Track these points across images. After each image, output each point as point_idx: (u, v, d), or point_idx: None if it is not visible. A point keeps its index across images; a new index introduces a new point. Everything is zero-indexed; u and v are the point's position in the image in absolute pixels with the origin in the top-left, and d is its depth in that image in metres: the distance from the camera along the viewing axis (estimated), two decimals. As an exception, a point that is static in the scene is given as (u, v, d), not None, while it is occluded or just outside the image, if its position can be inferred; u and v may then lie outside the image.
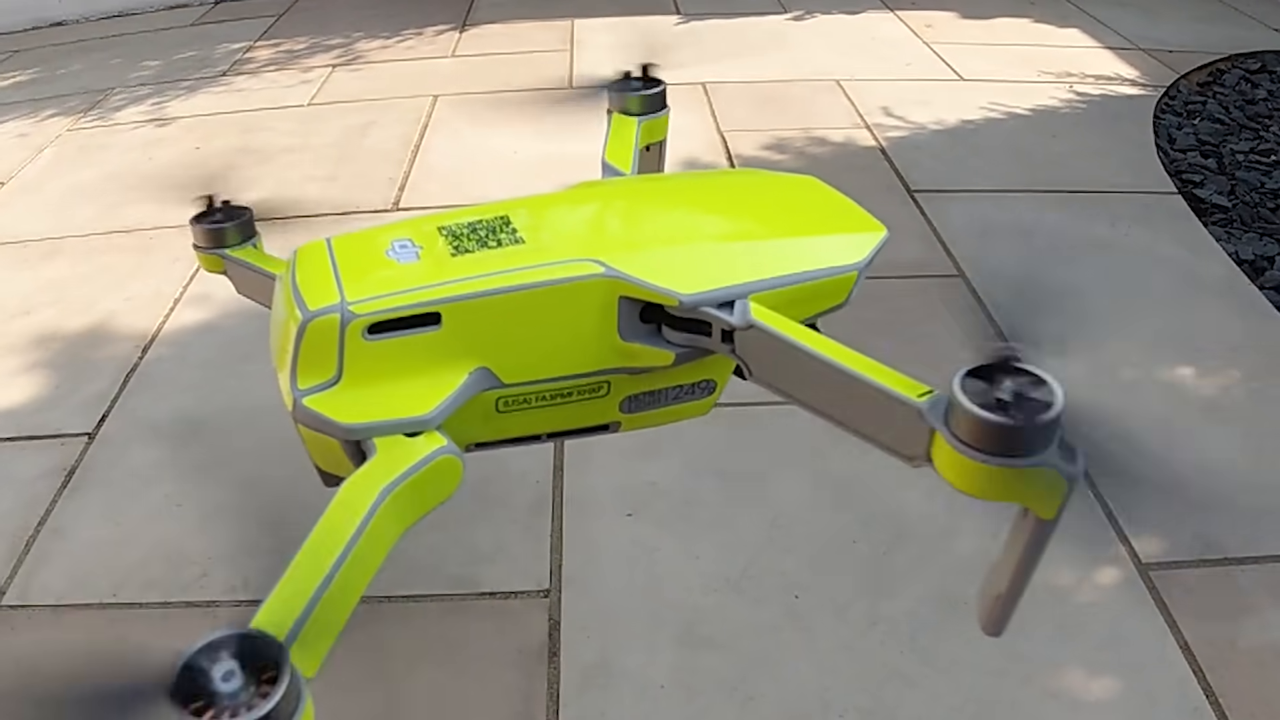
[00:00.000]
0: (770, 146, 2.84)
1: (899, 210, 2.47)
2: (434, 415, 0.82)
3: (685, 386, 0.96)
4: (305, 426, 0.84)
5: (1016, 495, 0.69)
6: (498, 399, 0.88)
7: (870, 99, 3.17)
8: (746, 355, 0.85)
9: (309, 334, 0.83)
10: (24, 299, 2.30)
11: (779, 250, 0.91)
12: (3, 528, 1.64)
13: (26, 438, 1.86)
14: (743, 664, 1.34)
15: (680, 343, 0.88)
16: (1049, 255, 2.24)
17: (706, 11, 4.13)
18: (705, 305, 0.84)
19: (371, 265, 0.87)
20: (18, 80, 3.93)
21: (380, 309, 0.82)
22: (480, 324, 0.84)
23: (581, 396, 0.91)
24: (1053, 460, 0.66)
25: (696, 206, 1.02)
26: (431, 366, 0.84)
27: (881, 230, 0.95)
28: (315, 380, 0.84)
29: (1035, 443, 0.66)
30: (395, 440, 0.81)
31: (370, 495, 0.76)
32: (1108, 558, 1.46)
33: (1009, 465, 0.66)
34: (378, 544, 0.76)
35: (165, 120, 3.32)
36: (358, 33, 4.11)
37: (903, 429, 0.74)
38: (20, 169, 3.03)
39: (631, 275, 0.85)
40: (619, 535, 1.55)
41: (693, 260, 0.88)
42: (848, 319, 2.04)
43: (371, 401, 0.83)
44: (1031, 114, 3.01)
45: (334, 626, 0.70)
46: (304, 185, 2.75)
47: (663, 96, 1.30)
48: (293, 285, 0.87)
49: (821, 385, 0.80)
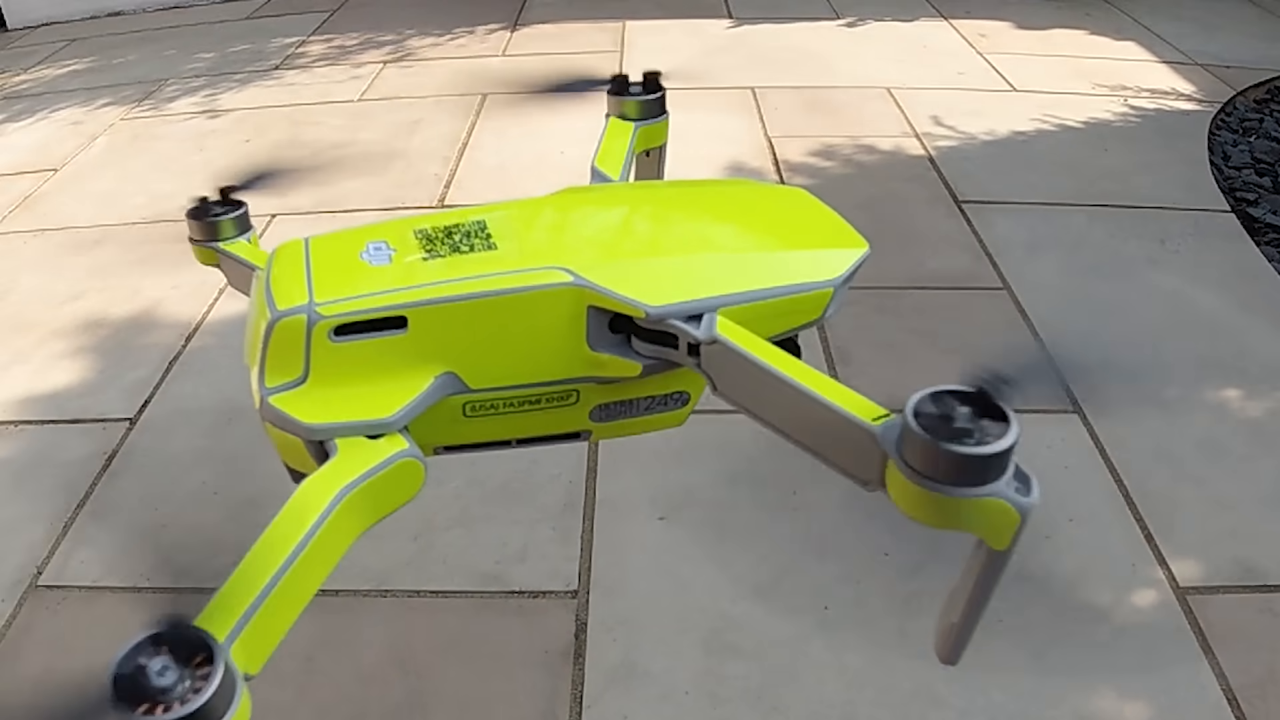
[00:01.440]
0: (817, 153, 2.82)
1: (945, 221, 2.44)
2: (396, 418, 0.82)
3: (658, 398, 0.95)
4: (271, 425, 0.84)
5: (967, 525, 0.68)
6: (465, 404, 0.88)
7: (921, 108, 3.14)
8: (711, 369, 0.84)
9: (276, 333, 0.83)
10: (73, 285, 2.33)
11: (753, 264, 0.90)
12: (43, 509, 1.66)
13: (70, 421, 1.89)
14: (768, 674, 1.33)
15: (648, 354, 0.87)
16: (1095, 270, 2.21)
17: (758, 16, 4.12)
18: (672, 318, 0.83)
19: (344, 267, 0.87)
20: (74, 69, 3.99)
21: (346, 311, 0.82)
22: (446, 329, 0.84)
23: (550, 404, 0.90)
24: (1004, 491, 0.65)
25: (676, 217, 1.01)
26: (397, 369, 0.84)
27: (863, 246, 0.93)
28: (282, 379, 0.84)
29: (986, 473, 0.65)
30: (357, 442, 0.81)
31: (327, 495, 0.76)
32: (1144, 580, 1.44)
33: (958, 495, 0.65)
34: (332, 544, 0.76)
35: (217, 112, 3.35)
36: (410, 30, 4.14)
37: (856, 452, 0.72)
38: (74, 156, 3.08)
39: (599, 285, 0.84)
40: (650, 539, 1.54)
41: (664, 272, 0.87)
42: (890, 329, 2.03)
43: (336, 402, 0.83)
44: (1084, 127, 2.97)
45: (281, 624, 0.70)
46: (350, 181, 2.77)
47: (661, 102, 1.29)
48: (266, 283, 0.87)
49: (780, 403, 0.79)
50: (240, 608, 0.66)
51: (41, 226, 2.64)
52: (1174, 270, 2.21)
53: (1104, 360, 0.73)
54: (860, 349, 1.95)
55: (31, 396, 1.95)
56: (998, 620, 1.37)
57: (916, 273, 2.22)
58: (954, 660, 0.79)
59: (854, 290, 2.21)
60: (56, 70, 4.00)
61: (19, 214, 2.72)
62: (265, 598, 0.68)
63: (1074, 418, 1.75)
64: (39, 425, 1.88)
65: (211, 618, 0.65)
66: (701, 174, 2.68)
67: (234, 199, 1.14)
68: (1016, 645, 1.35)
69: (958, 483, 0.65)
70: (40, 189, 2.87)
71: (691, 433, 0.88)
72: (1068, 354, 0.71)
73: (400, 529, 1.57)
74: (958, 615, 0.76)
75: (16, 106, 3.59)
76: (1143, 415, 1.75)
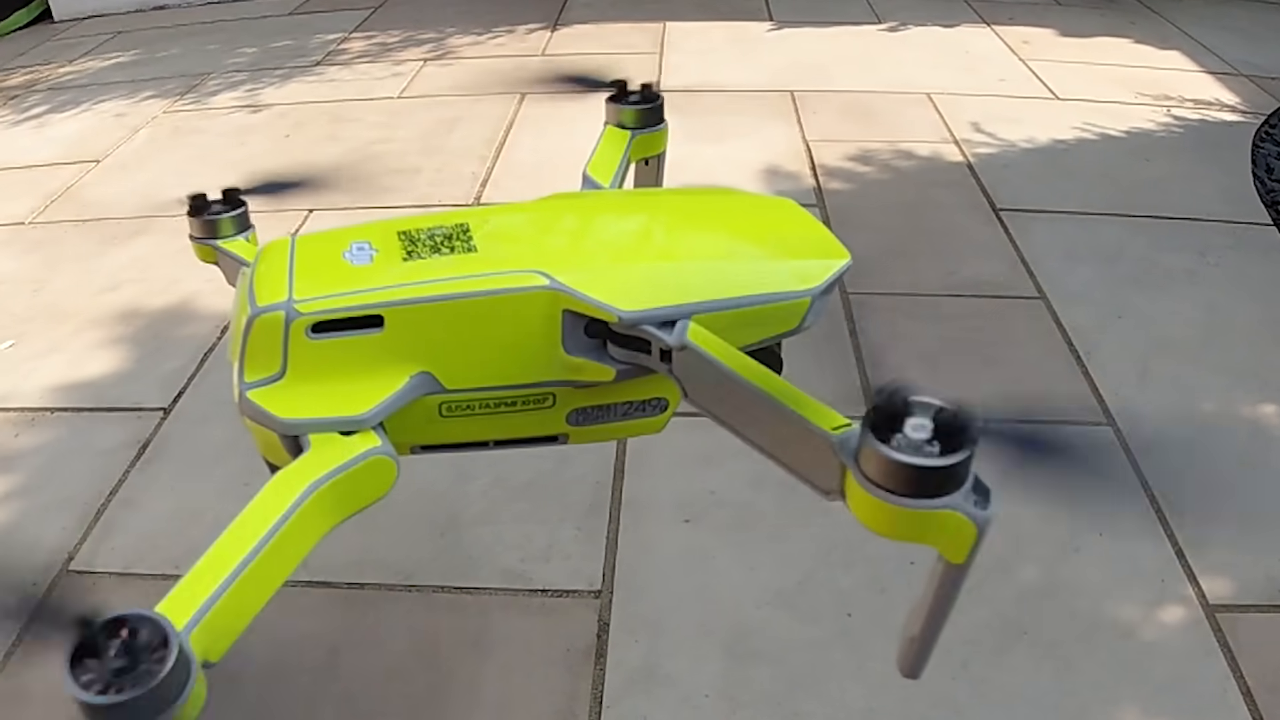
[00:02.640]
0: (855, 158, 2.81)
1: (982, 228, 2.43)
2: (369, 416, 0.83)
3: (635, 403, 0.96)
4: (248, 419, 0.86)
5: (923, 537, 0.68)
6: (440, 404, 0.89)
7: (961, 114, 3.12)
8: (682, 375, 0.85)
9: (255, 329, 0.84)
10: (111, 274, 2.36)
11: (729, 272, 0.90)
12: (76, 494, 1.68)
13: (106, 409, 1.91)
14: (790, 679, 1.32)
15: (622, 359, 0.87)
16: (1133, 281, 2.19)
17: (799, 19, 4.11)
18: (645, 323, 0.84)
19: (325, 266, 0.88)
20: (119, 61, 4.04)
21: (324, 309, 0.83)
22: (422, 329, 0.85)
23: (527, 407, 0.91)
24: (960, 504, 0.65)
25: (658, 224, 1.01)
26: (372, 368, 0.85)
27: (844, 257, 0.93)
28: (260, 375, 0.85)
29: (941, 485, 0.64)
30: (329, 438, 0.82)
31: (296, 490, 0.77)
32: (1173, 597, 1.42)
33: (913, 506, 0.65)
34: (300, 538, 0.77)
35: (258, 107, 3.38)
36: (450, 28, 4.16)
37: (817, 461, 0.73)
38: (116, 148, 3.12)
39: (574, 289, 0.84)
40: (675, 541, 1.54)
41: (640, 278, 0.87)
42: (924, 336, 2.02)
43: (311, 398, 0.84)
44: (1125, 136, 2.94)
45: (244, 614, 0.72)
46: (388, 177, 2.79)
47: (659, 111, 1.29)
48: (250, 280, 0.88)
49: (745, 410, 0.79)
50: (201, 596, 0.68)
51: (82, 217, 2.67)
52: (1213, 283, 2.19)
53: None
54: (893, 355, 1.94)
55: (68, 384, 1.97)
56: (1023, 633, 1.36)
57: (951, 280, 2.20)
58: (915, 674, 0.79)
59: (888, 295, 2.22)
60: (101, 62, 4.05)
61: (61, 204, 2.75)
62: (228, 588, 0.70)
63: (1106, 430, 1.73)
64: (75, 413, 1.90)
65: (173, 605, 0.67)
66: (737, 178, 2.68)
67: (235, 198, 1.15)
68: (1041, 659, 1.33)
69: (913, 494, 0.64)
70: (82, 179, 2.90)
71: (718, 436, 0.88)
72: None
73: (427, 524, 1.58)
74: (917, 629, 0.76)
75: (61, 97, 3.63)
76: (1178, 430, 1.73)
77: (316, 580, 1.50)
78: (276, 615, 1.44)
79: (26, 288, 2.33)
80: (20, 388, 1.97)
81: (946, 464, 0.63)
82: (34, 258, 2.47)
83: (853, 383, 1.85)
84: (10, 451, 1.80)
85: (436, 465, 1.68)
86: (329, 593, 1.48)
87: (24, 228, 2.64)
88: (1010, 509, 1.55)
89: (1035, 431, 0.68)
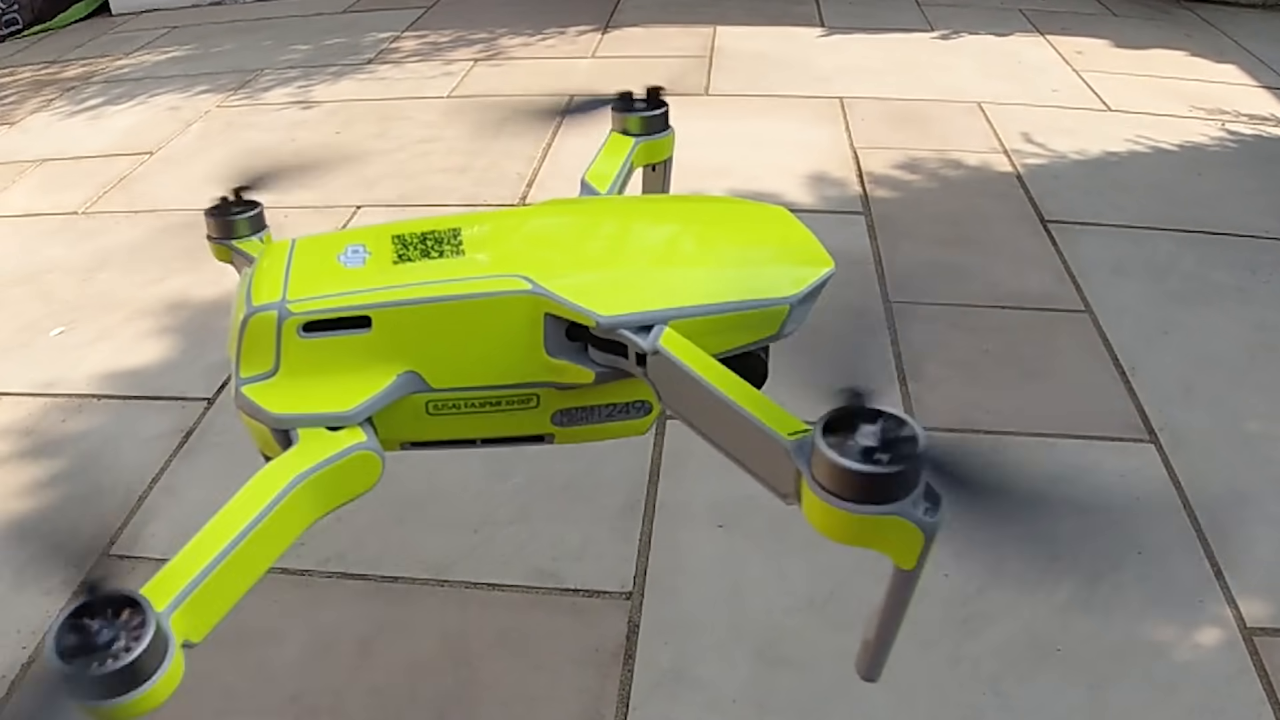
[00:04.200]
0: (903, 166, 2.80)
1: (1029, 240, 2.40)
2: (355, 412, 0.86)
3: (619, 405, 0.98)
4: (244, 413, 0.89)
5: (872, 543, 0.69)
6: (427, 402, 0.91)
7: (1011, 124, 3.09)
8: (655, 379, 0.86)
9: (250, 327, 0.88)
10: (161, 266, 2.39)
11: (710, 279, 0.92)
12: (120, 480, 1.71)
13: (151, 397, 1.94)
14: (818, 687, 1.31)
15: (602, 362, 0.90)
16: (1181, 297, 2.16)
17: (851, 26, 4.09)
18: (623, 328, 0.86)
19: (320, 267, 0.92)
20: (174, 56, 4.10)
21: (314, 309, 0.87)
22: (408, 330, 0.88)
23: (511, 406, 0.93)
24: (908, 511, 0.66)
25: (645, 231, 1.03)
26: (360, 366, 0.88)
27: (827, 265, 0.94)
28: (255, 371, 0.89)
29: (889, 492, 0.65)
30: (317, 433, 0.85)
31: (282, 481, 0.80)
32: (1210, 618, 1.40)
33: (861, 512, 0.66)
34: (283, 528, 0.80)
35: (309, 103, 3.42)
36: (502, 29, 4.18)
37: (775, 466, 0.74)
38: (169, 141, 3.16)
39: (555, 294, 0.87)
40: (708, 545, 1.54)
41: (621, 283, 0.90)
42: (966, 347, 2.00)
43: (302, 395, 0.87)
44: (1178, 150, 2.90)
45: (226, 598, 0.75)
46: (434, 176, 2.81)
47: (664, 118, 1.30)
48: (249, 280, 0.92)
49: (710, 415, 0.80)
50: (184, 580, 0.71)
51: (134, 208, 2.71)
52: (1263, 301, 2.15)
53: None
54: (933, 365, 1.92)
55: (115, 372, 2.01)
56: (1055, 650, 1.35)
57: (996, 291, 2.18)
58: (873, 676, 0.82)
59: (931, 305, 2.20)
60: (157, 56, 4.11)
61: (114, 194, 2.80)
62: (210, 572, 0.73)
63: (1149, 447, 1.70)
64: (121, 400, 1.93)
65: (156, 587, 0.70)
66: (782, 184, 2.67)
67: (249, 199, 1.19)
68: (1073, 676, 1.32)
69: (861, 500, 0.66)
70: (135, 171, 2.95)
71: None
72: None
73: (462, 521, 1.59)
74: (873, 632, 0.79)
75: (116, 90, 3.69)
76: (1220, 448, 1.70)
77: (352, 572, 1.51)
78: (310, 605, 1.46)
79: (78, 276, 2.38)
80: (69, 374, 2.00)
81: (893, 471, 0.64)
82: (86, 247, 2.52)
83: (893, 391, 1.84)
84: (58, 436, 1.83)
85: (472, 463, 1.70)
86: (363, 585, 1.49)
87: (77, 217, 2.69)
88: (1049, 525, 1.53)
89: (965, 470, 0.68)
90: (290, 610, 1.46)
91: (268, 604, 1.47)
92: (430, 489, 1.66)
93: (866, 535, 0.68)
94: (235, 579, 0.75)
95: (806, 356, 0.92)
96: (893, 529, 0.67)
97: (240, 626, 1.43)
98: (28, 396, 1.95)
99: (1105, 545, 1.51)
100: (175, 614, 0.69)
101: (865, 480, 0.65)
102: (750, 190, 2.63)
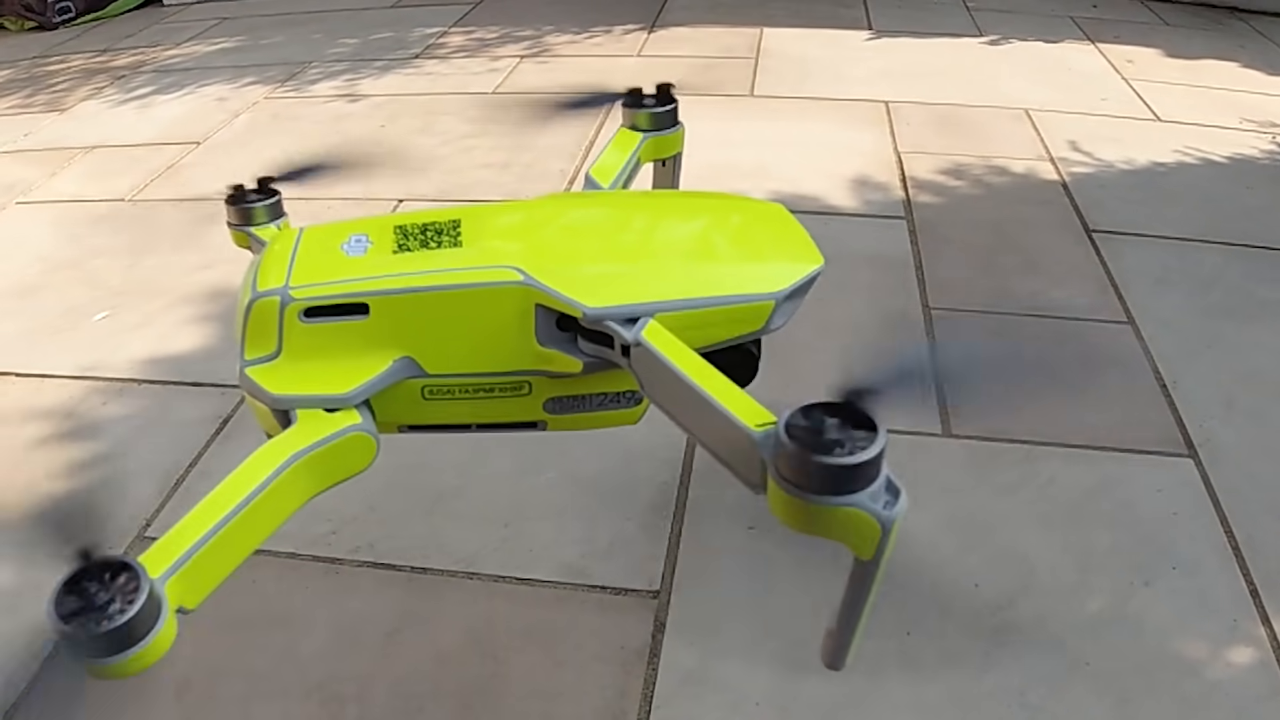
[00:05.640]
0: (947, 171, 2.77)
1: (1073, 249, 2.38)
2: (352, 395, 0.90)
3: (610, 395, 1.01)
4: (247, 394, 0.93)
5: (831, 533, 0.71)
6: (423, 387, 0.95)
7: (1058, 132, 3.06)
8: (637, 370, 0.89)
9: (254, 312, 0.92)
10: (205, 253, 2.42)
11: (698, 273, 0.94)
12: (157, 464, 1.73)
13: (191, 383, 1.96)
14: (843, 694, 1.31)
15: (590, 353, 0.92)
16: (1227, 311, 2.12)
17: (899, 29, 4.07)
18: (609, 319, 0.89)
19: (323, 255, 0.96)
20: (224, 46, 4.14)
21: (315, 295, 0.91)
22: (404, 317, 0.92)
23: (504, 393, 0.97)
24: (865, 503, 0.67)
25: (639, 225, 1.05)
26: (358, 351, 0.92)
27: (817, 262, 0.96)
28: (259, 353, 0.93)
29: (846, 483, 0.67)
30: (315, 413, 0.89)
31: (279, 459, 0.83)
32: (1244, 637, 1.37)
33: (819, 503, 0.68)
34: (278, 504, 0.83)
35: (356, 97, 3.45)
36: (548, 26, 4.19)
37: (744, 457, 0.76)
38: (216, 131, 3.20)
39: (545, 285, 0.90)
40: (738, 547, 1.53)
41: (610, 276, 0.92)
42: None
43: (301, 377, 0.91)
44: (1228, 162, 2.86)
45: (220, 569, 0.78)
46: (477, 171, 2.82)
47: (674, 114, 1.33)
48: (255, 266, 0.96)
49: (686, 405, 0.82)
50: (180, 549, 0.75)
51: (180, 196, 2.74)
52: (1311, 317, 2.12)
53: (981, 364, 0.75)
54: (970, 373, 1.91)
55: (156, 357, 2.03)
56: (1084, 664, 1.33)
57: (1038, 300, 2.16)
58: (836, 665, 0.85)
59: (971, 313, 2.19)
60: (206, 47, 4.16)
61: (160, 182, 2.83)
62: (205, 543, 0.76)
63: (1188, 462, 1.68)
64: (160, 385, 1.95)
65: (154, 555, 0.74)
66: (824, 187, 2.66)
67: (271, 188, 1.23)
68: (1100, 691, 1.30)
69: (819, 491, 0.68)
70: (182, 160, 2.99)
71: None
72: (946, 359, 0.72)
73: (493, 515, 1.59)
74: (834, 623, 0.82)
75: (166, 80, 3.74)
76: (1261, 465, 1.67)
77: (381, 562, 1.52)
78: (339, 593, 1.47)
79: (122, 262, 2.41)
80: (110, 359, 2.03)
81: (851, 463, 0.66)
82: (131, 233, 2.55)
83: (928, 398, 1.82)
84: (97, 419, 1.86)
85: (504, 458, 1.70)
86: (392, 575, 1.50)
87: (124, 204, 2.72)
88: (1081, 537, 1.52)
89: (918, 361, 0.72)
90: (318, 597, 1.47)
91: (297, 590, 1.48)
92: (462, 482, 1.67)
93: (825, 526, 0.70)
94: (230, 550, 0.79)
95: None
96: (851, 520, 0.69)
97: (268, 612, 1.45)
98: (70, 379, 1.98)
99: (1139, 559, 1.49)
100: (170, 581, 0.72)
101: (823, 471, 0.67)
102: (792, 192, 2.62)
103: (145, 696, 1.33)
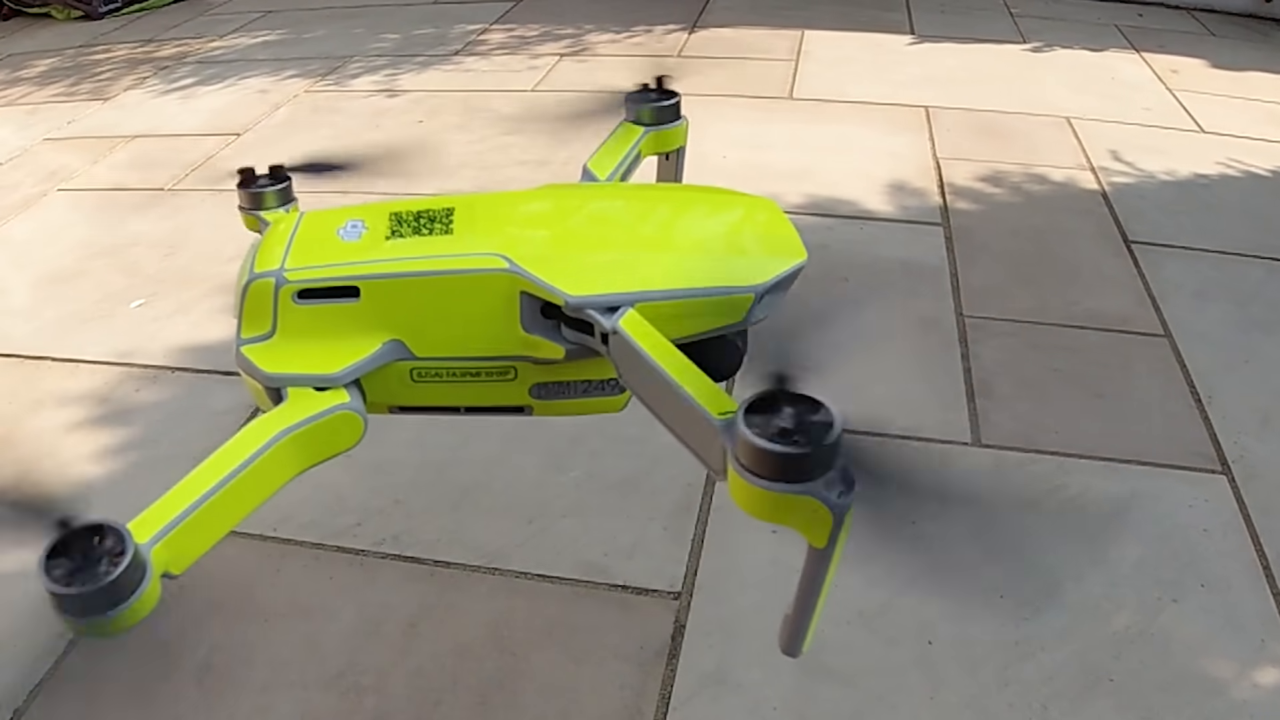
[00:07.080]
0: (985, 178, 2.75)
1: (1111, 260, 2.35)
2: (341, 375, 0.92)
3: (594, 382, 1.03)
4: (243, 372, 0.95)
5: (785, 520, 0.72)
6: (411, 369, 0.97)
7: (1100, 141, 3.03)
8: (615, 358, 0.90)
9: (250, 293, 0.94)
10: (240, 244, 2.41)
11: (681, 265, 0.96)
12: (187, 450, 1.74)
13: (222, 372, 1.98)
14: (861, 701, 1.30)
15: (573, 340, 0.94)
16: (1265, 326, 2.09)
17: (941, 35, 4.04)
18: (591, 308, 0.90)
19: (320, 239, 0.98)
20: (266, 40, 4.18)
21: (308, 278, 0.93)
22: (393, 301, 0.94)
23: (490, 378, 0.99)
24: (817, 491, 0.69)
25: (627, 217, 1.07)
26: (349, 333, 0.94)
27: (800, 257, 0.97)
28: (254, 333, 0.95)
29: (800, 472, 0.68)
30: (305, 392, 0.91)
31: (268, 434, 0.85)
32: (1271, 657, 1.35)
33: (775, 490, 0.69)
34: (265, 477, 0.85)
35: (395, 92, 3.46)
36: (589, 25, 4.19)
37: (708, 444, 0.77)
38: (257, 123, 3.22)
39: (530, 273, 0.92)
40: (760, 550, 1.53)
41: (594, 266, 0.94)
42: (1038, 366, 1.96)
43: (294, 356, 0.93)
44: (1271, 175, 2.82)
45: (207, 537, 0.81)
46: (513, 168, 2.83)
47: (676, 108, 1.33)
48: (255, 248, 0.99)
49: (656, 392, 0.84)
50: (167, 517, 0.78)
51: (219, 186, 2.77)
52: (1353, 334, 2.08)
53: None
54: (1003, 383, 1.89)
55: (190, 346, 2.05)
56: (1108, 679, 1.32)
57: (1073, 311, 2.14)
58: (793, 652, 0.85)
59: (1005, 322, 2.16)
60: (249, 39, 4.19)
61: (200, 173, 2.86)
62: (192, 512, 0.79)
63: (1221, 478, 1.66)
64: (194, 373, 1.97)
65: (142, 522, 0.77)
66: (860, 190, 2.65)
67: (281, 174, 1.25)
68: (1124, 707, 1.29)
69: (775, 479, 0.69)
70: (222, 151, 3.01)
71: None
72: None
73: (518, 511, 1.60)
74: (791, 609, 0.81)
75: (209, 71, 3.77)
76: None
77: (406, 555, 1.52)
78: (363, 584, 1.48)
79: (160, 250, 2.43)
80: (146, 346, 2.05)
81: (804, 453, 0.67)
82: (170, 223, 2.57)
83: (960, 407, 1.81)
84: (131, 405, 1.88)
85: (531, 455, 1.70)
86: (416, 567, 1.50)
87: (163, 193, 2.75)
88: (1110, 551, 1.50)
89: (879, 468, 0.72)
90: (342, 588, 1.48)
91: (322, 580, 1.49)
92: (488, 478, 1.67)
93: (780, 512, 0.71)
94: (216, 520, 0.81)
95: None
96: (804, 508, 0.70)
97: (293, 600, 1.46)
98: (105, 365, 2.00)
99: (1168, 575, 1.47)
100: (157, 547, 0.75)
101: (778, 460, 0.68)
102: (828, 196, 2.61)
103: (168, 681, 1.34)
